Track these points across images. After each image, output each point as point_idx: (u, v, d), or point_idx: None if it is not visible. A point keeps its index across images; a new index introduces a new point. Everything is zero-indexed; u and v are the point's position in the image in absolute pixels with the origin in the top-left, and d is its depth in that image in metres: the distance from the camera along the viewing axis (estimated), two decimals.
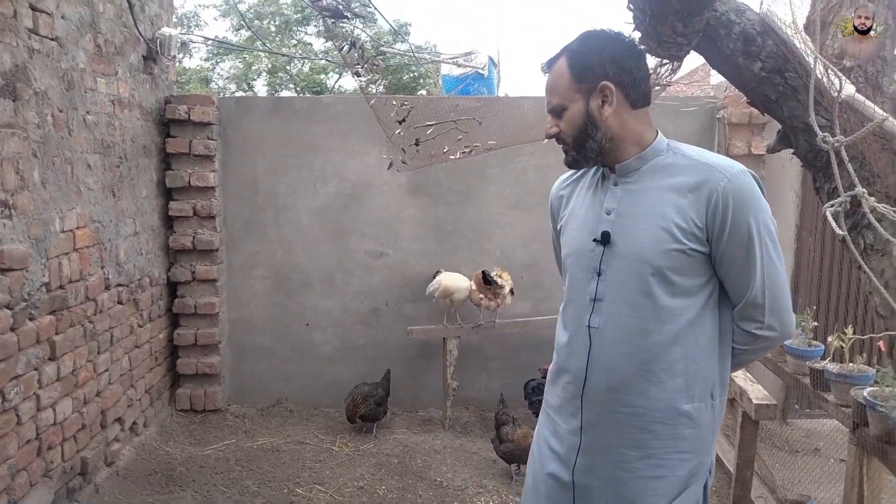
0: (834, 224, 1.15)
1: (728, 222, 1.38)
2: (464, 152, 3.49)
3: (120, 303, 3.46)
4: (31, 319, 2.66)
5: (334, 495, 3.19)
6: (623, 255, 1.45)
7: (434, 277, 4.10)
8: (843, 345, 2.51)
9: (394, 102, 2.85)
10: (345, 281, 4.35)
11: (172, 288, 4.17)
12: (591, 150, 1.47)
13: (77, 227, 3.05)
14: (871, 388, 2.26)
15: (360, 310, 4.35)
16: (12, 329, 2.53)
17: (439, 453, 3.66)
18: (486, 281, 3.86)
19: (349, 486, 3.28)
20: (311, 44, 15.81)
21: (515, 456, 3.26)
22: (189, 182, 4.10)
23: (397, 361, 4.29)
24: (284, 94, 14.16)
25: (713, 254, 1.41)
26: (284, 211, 4.33)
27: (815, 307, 3.15)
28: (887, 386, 2.23)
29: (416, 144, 3.28)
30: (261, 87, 15.16)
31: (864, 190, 1.17)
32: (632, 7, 1.83)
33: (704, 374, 1.46)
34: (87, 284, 3.11)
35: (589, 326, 1.48)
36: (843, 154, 1.21)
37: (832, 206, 1.19)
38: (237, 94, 13.42)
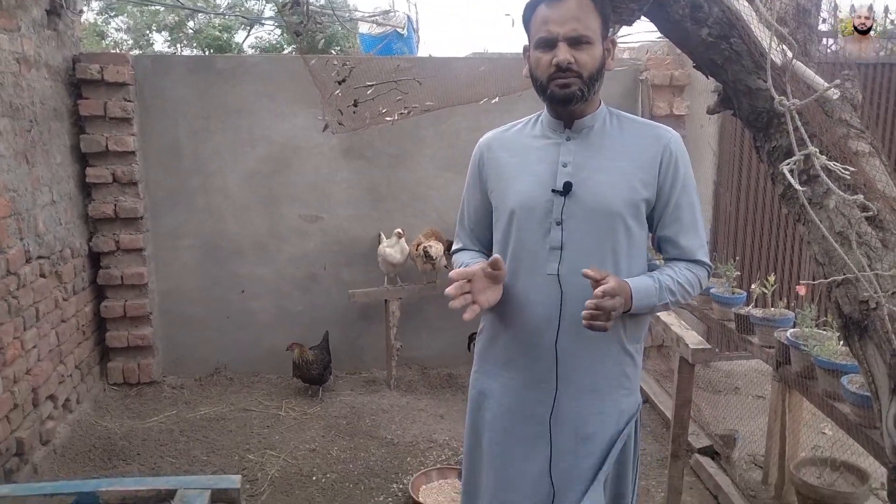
0: (791, 179, 1.25)
1: (679, 173, 1.57)
2: (401, 113, 3.46)
3: (42, 276, 3.27)
4: None
5: (287, 459, 3.20)
6: (585, 204, 1.54)
7: (379, 242, 4.10)
8: (767, 291, 2.73)
9: (335, 63, 2.79)
10: (278, 247, 4.28)
11: (95, 259, 3.96)
12: (593, 91, 1.53)
13: None
14: (793, 330, 2.49)
15: (295, 275, 4.30)
16: None
17: (387, 412, 3.72)
18: (427, 256, 3.90)
19: (301, 448, 3.30)
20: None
21: None
22: (107, 146, 3.88)
23: (337, 325, 4.29)
24: (186, 52, 13.39)
25: (658, 202, 1.57)
26: (211, 177, 4.17)
27: (738, 258, 3.39)
28: (807, 327, 2.46)
29: (355, 105, 3.22)
30: (161, 44, 14.28)
31: (815, 149, 1.28)
32: None
33: (641, 320, 1.62)
34: (7, 257, 2.91)
35: (558, 275, 1.54)
36: (795, 116, 1.31)
37: (788, 163, 1.29)
38: (136, 51, 12.62)
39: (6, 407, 2.84)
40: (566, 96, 1.51)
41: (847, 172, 1.25)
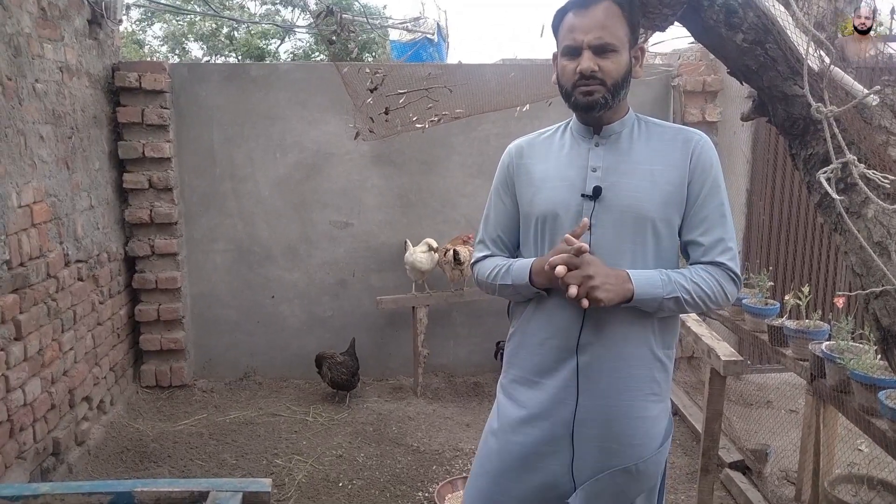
0: (829, 188, 1.23)
1: (708, 176, 1.55)
2: (432, 121, 3.48)
3: (80, 279, 3.35)
4: None
5: (314, 464, 3.22)
6: (615, 208, 1.53)
7: (405, 249, 4.12)
8: (801, 302, 2.67)
9: (367, 70, 2.81)
10: (309, 253, 4.32)
11: (130, 263, 4.05)
12: (618, 99, 1.53)
13: (34, 202, 2.93)
14: (829, 343, 2.43)
15: (325, 281, 4.34)
16: None
17: (413, 420, 3.73)
18: (457, 260, 3.90)
19: (328, 454, 3.32)
20: (247, 7, 15.25)
21: None
22: (143, 153, 3.97)
23: (365, 331, 4.31)
24: (220, 60, 13.66)
25: (688, 205, 1.55)
26: (243, 182, 4.24)
27: (771, 268, 3.33)
28: (843, 340, 2.40)
29: (386, 113, 3.25)
30: (197, 51, 14.57)
31: (854, 157, 1.25)
32: None
33: (671, 326, 1.61)
34: (47, 261, 2.99)
35: None
36: (833, 123, 1.28)
37: (825, 172, 1.26)
38: (172, 59, 12.90)
39: (44, 407, 2.91)
40: (589, 104, 1.52)
41: (887, 181, 1.22)
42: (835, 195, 1.24)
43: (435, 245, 3.98)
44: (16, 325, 2.70)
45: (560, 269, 1.42)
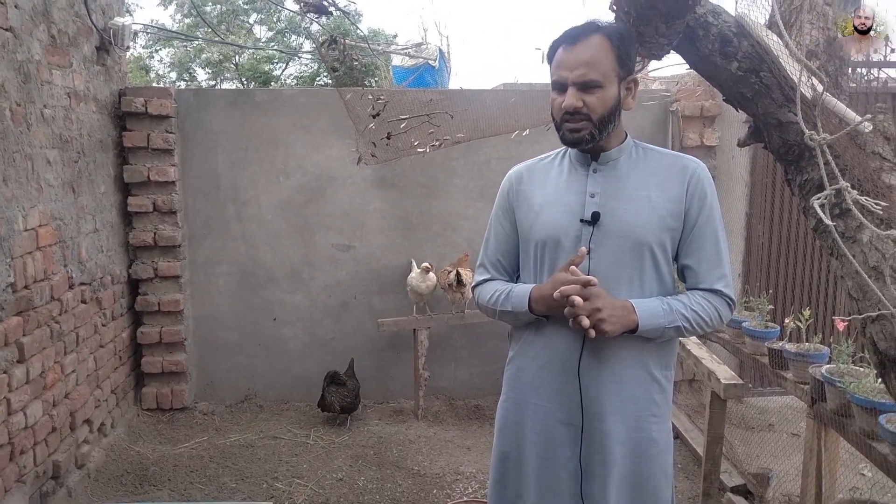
0: (822, 214, 1.25)
1: (705, 203, 1.59)
2: (433, 146, 3.52)
3: (84, 302, 3.37)
4: None
5: (314, 488, 3.20)
6: (614, 234, 1.56)
7: (410, 270, 4.15)
8: (801, 325, 2.68)
9: (370, 97, 2.86)
10: (311, 275, 4.34)
11: (133, 285, 4.07)
12: (606, 132, 1.57)
13: (39, 226, 2.95)
14: (829, 366, 2.43)
15: (327, 304, 4.35)
16: None
17: (414, 443, 3.72)
18: (459, 282, 3.91)
19: (328, 478, 3.30)
20: (254, 33, 15.49)
21: None
22: (148, 177, 4.01)
23: (366, 354, 4.32)
24: (226, 85, 13.84)
25: (685, 229, 1.59)
26: (246, 206, 4.28)
27: (771, 291, 3.34)
28: (843, 363, 2.40)
29: (388, 138, 3.29)
30: (203, 76, 14.78)
31: (847, 184, 1.28)
32: (615, 8, 1.91)
33: (669, 347, 1.64)
34: (51, 284, 3.02)
35: None
36: (826, 150, 1.31)
37: (818, 198, 1.29)
38: (179, 84, 13.07)
39: (45, 430, 2.91)
40: (574, 140, 1.58)
41: (879, 207, 1.24)
42: (828, 221, 1.27)
43: (429, 267, 3.98)
44: (19, 347, 2.71)
45: (578, 300, 1.45)
